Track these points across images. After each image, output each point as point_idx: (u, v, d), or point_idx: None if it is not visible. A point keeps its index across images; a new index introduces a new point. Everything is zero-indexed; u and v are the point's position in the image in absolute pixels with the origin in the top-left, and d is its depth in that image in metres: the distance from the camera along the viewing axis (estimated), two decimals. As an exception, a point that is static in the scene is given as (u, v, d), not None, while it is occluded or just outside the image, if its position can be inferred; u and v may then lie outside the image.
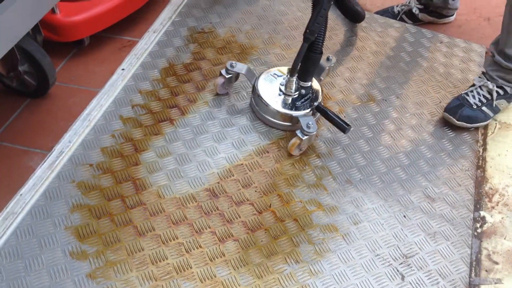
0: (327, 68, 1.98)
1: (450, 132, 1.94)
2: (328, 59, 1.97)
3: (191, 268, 1.50)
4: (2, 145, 2.03)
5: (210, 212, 1.62)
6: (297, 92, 1.87)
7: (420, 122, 1.96)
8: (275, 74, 1.93)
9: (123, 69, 2.01)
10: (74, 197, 1.61)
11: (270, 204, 1.66)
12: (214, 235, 1.57)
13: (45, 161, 1.69)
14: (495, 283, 1.57)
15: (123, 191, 1.64)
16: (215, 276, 1.49)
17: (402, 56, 2.21)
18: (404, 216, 1.67)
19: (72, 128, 1.79)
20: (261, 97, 1.86)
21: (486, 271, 1.59)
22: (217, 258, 1.52)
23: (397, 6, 2.50)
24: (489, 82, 1.95)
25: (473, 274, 1.58)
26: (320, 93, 1.89)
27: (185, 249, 1.53)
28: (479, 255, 1.62)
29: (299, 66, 1.78)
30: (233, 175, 1.72)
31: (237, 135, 1.84)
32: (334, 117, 1.78)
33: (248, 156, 1.78)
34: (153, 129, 1.82)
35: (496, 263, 1.61)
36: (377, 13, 2.48)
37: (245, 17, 2.31)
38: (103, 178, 1.67)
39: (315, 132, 1.75)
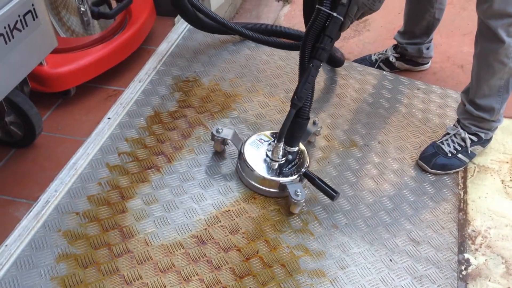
0: (313, 132, 1.96)
1: (431, 176, 1.99)
2: (314, 123, 1.95)
3: (179, 317, 1.48)
4: (-13, 195, 2.02)
5: (198, 259, 1.62)
6: (284, 158, 1.83)
7: (402, 166, 2.01)
8: (261, 139, 1.90)
9: (109, 118, 2.04)
10: (60, 247, 1.60)
11: (258, 250, 1.66)
12: (202, 283, 1.56)
13: (31, 211, 1.68)
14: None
15: (110, 239, 1.64)
16: (204, 325, 1.47)
17: (382, 102, 2.28)
18: (390, 259, 1.69)
19: (58, 177, 1.80)
20: (247, 163, 1.82)
21: (473, 313, 1.61)
22: (206, 306, 1.51)
23: (374, 55, 2.59)
24: (462, 131, 2.00)
25: (460, 317, 1.59)
26: (307, 158, 1.87)
27: (173, 297, 1.52)
28: (465, 297, 1.64)
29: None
30: (220, 222, 1.73)
31: (223, 182, 1.85)
32: (322, 184, 1.75)
33: (235, 202, 1.79)
34: (140, 176, 1.83)
35: (482, 304, 1.63)
36: (355, 61, 2.56)
37: (228, 66, 2.37)
38: (89, 227, 1.66)
39: (303, 200, 1.72)
